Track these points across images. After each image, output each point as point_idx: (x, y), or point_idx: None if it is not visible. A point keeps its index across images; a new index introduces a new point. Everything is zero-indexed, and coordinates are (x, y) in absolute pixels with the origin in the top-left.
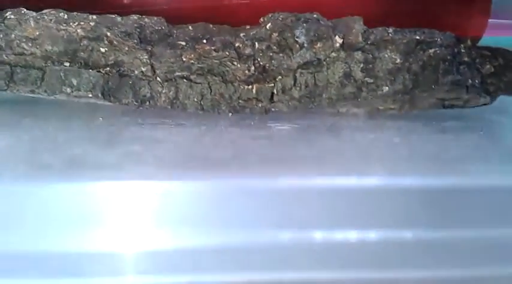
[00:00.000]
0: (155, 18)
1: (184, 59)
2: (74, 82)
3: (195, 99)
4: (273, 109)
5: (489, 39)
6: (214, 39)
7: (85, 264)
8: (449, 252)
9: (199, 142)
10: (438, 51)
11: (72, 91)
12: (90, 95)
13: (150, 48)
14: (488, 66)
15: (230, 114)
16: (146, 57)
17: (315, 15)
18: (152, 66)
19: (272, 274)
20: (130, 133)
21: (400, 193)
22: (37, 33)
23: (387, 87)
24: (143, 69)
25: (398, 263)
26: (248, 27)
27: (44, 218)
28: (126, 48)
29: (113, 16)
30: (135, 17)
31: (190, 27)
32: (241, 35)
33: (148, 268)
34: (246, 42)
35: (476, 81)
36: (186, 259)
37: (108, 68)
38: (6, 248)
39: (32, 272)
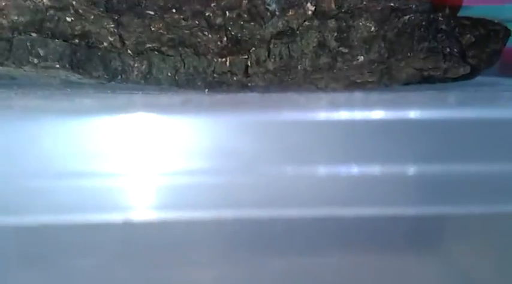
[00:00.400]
0: None
1: (152, 29)
2: (41, 52)
3: (169, 74)
4: (249, 84)
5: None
6: (183, 8)
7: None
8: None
9: None
10: (413, 18)
11: (39, 62)
12: (58, 66)
13: (117, 17)
14: (468, 36)
15: (206, 90)
16: (113, 26)
17: None
18: (120, 36)
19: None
20: None
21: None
22: (3, 3)
23: (362, 57)
24: (111, 39)
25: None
26: None
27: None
28: (92, 17)
29: None
30: None
31: None
32: (212, 4)
33: None
34: (216, 11)
35: (455, 49)
36: None
37: (76, 39)
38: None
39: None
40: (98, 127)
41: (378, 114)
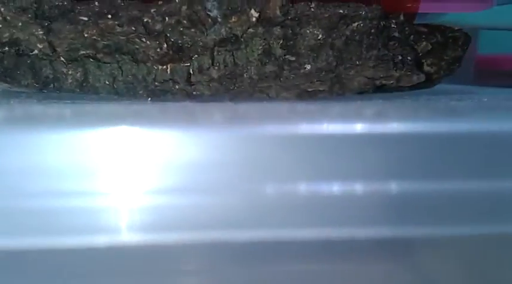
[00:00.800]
0: None
1: (86, 35)
2: None
3: (107, 82)
4: (194, 93)
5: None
6: (120, 14)
7: None
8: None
9: None
10: (362, 25)
11: None
12: None
13: (46, 24)
14: (424, 43)
15: (149, 98)
16: (42, 32)
17: None
18: (50, 43)
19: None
20: None
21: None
22: None
23: (310, 65)
24: (40, 47)
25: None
26: (161, 2)
27: None
28: (20, 24)
29: None
30: None
31: (96, 3)
32: (152, 10)
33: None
34: (156, 17)
35: (409, 57)
36: None
37: (6, 47)
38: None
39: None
40: None
41: (287, 127)
